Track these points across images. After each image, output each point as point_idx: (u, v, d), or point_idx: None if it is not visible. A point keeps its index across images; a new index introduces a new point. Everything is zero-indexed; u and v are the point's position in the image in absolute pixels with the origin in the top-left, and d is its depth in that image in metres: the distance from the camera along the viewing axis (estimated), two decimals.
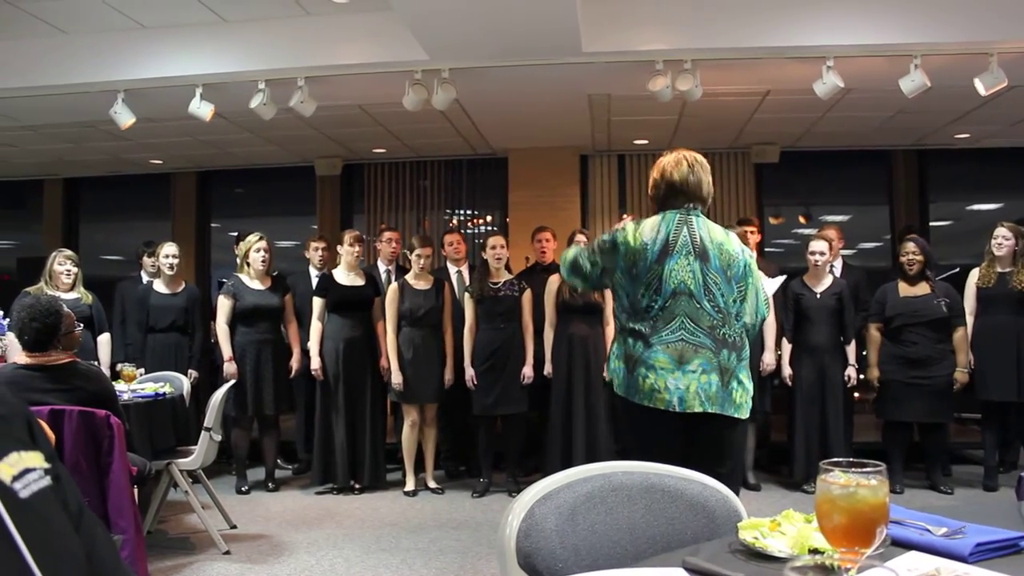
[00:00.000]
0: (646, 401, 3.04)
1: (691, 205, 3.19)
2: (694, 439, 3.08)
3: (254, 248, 6.07)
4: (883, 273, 7.51)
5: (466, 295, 6.05)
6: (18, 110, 6.64)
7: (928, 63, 5.42)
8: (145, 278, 6.87)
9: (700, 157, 3.27)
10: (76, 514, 0.97)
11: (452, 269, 6.69)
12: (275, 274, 6.33)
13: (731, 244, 3.20)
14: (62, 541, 0.92)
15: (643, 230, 3.13)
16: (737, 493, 3.10)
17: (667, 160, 3.26)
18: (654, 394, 3.02)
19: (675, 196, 3.20)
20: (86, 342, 5.55)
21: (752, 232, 6.21)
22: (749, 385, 3.17)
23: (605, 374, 5.76)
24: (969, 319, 5.87)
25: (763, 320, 3.31)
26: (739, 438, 3.21)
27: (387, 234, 6.83)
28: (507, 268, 6.16)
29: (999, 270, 5.81)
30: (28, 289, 5.66)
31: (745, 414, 3.15)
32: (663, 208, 3.22)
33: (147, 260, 6.90)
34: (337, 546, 4.74)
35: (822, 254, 5.85)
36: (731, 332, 3.13)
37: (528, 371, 5.92)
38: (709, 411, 3.03)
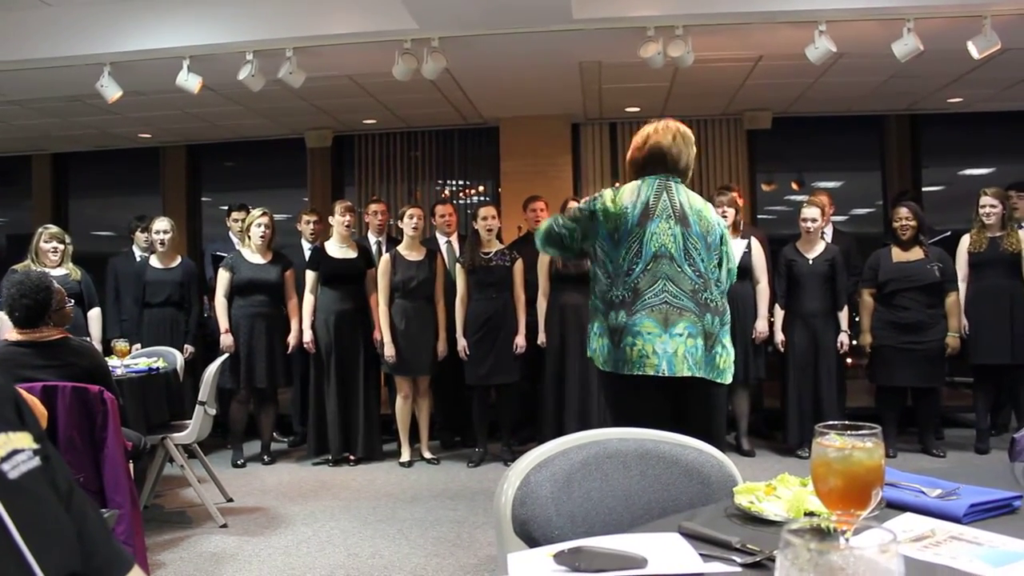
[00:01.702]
0: (636, 369, 3.05)
1: (670, 173, 3.23)
2: (678, 404, 3.12)
3: (255, 223, 6.08)
4: (875, 239, 7.51)
5: (457, 265, 6.04)
6: (3, 84, 6.56)
7: (921, 27, 5.39)
8: (138, 253, 6.84)
9: (686, 129, 3.31)
10: (66, 494, 0.97)
11: (441, 240, 6.65)
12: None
13: (709, 212, 3.26)
14: (52, 521, 0.91)
15: (622, 195, 3.18)
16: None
17: (652, 128, 3.30)
18: (643, 360, 3.04)
19: (656, 164, 3.24)
20: (76, 317, 5.52)
21: (738, 198, 6.20)
22: (732, 350, 3.23)
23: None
24: (962, 285, 5.88)
25: (729, 285, 3.35)
26: (721, 402, 3.26)
27: (373, 206, 6.80)
28: (498, 238, 6.15)
29: (989, 235, 5.81)
30: (15, 267, 5.62)
31: (728, 379, 3.19)
32: (642, 174, 3.26)
33: (140, 235, 6.86)
34: (334, 517, 4.76)
35: (814, 220, 5.85)
36: (712, 297, 3.18)
37: (520, 341, 5.93)
38: (697, 375, 3.08)
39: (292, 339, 6.18)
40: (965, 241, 5.95)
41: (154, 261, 6.27)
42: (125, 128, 8.50)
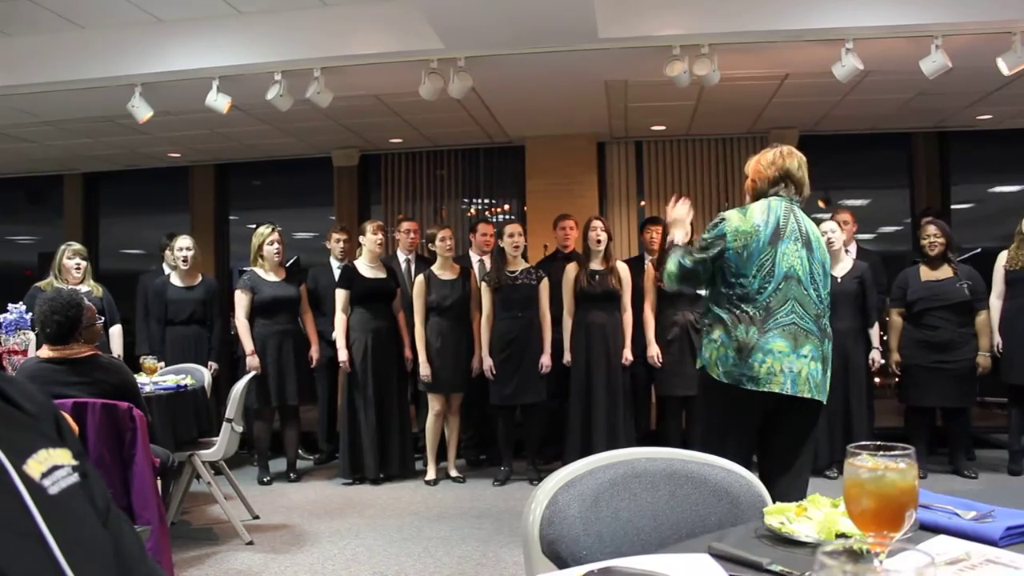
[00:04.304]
0: (762, 386, 3.10)
1: (795, 197, 3.30)
2: (780, 423, 3.21)
3: (267, 242, 6.07)
4: (903, 257, 7.44)
5: (483, 284, 6.04)
6: (36, 105, 6.68)
7: (949, 43, 5.35)
8: (167, 270, 6.87)
9: (803, 157, 3.39)
10: (103, 510, 0.98)
11: (475, 258, 6.67)
12: (288, 265, 6.36)
13: (824, 240, 3.37)
14: (90, 537, 0.92)
15: (752, 213, 3.22)
16: (808, 477, 3.29)
17: (776, 151, 3.37)
18: (771, 377, 3.09)
19: (781, 184, 3.30)
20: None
21: None
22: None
23: (637, 356, 5.87)
24: (997, 302, 5.80)
25: None
26: (819, 423, 3.36)
27: (406, 224, 6.82)
28: (524, 256, 6.15)
29: None
30: (38, 284, 5.67)
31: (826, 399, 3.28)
32: (765, 195, 3.31)
33: (169, 253, 6.90)
34: (359, 536, 4.76)
35: (833, 231, 5.75)
36: (827, 323, 3.27)
37: (546, 360, 5.91)
38: (816, 398, 3.17)
39: (315, 354, 6.21)
40: (1002, 257, 5.86)
41: (175, 279, 6.27)
42: (155, 147, 8.61)
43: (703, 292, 3.49)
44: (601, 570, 1.21)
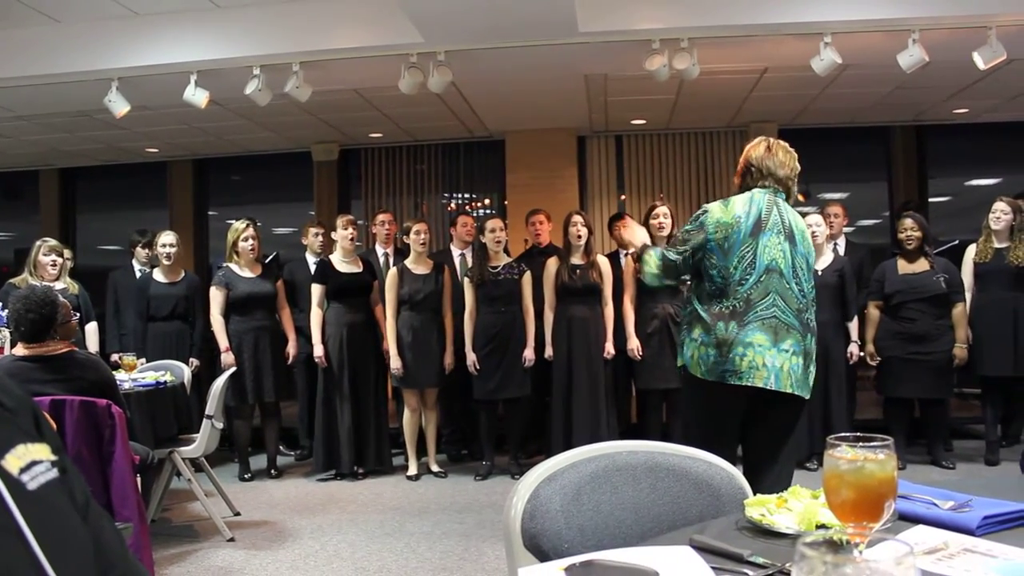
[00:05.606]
0: (744, 380, 3.10)
1: (778, 188, 3.29)
2: (762, 417, 3.21)
3: (241, 237, 5.99)
4: (882, 250, 7.49)
5: (466, 280, 6.02)
6: (12, 100, 6.61)
7: (926, 38, 5.39)
8: (137, 267, 6.79)
9: (787, 146, 3.36)
10: (83, 506, 0.97)
11: (455, 252, 6.64)
12: (268, 261, 6.31)
13: (808, 233, 3.36)
14: (70, 532, 0.91)
15: (734, 205, 3.22)
16: (793, 469, 3.31)
17: (755, 143, 3.37)
18: (753, 371, 3.09)
19: (766, 177, 3.29)
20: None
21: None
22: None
23: (617, 350, 5.85)
24: (967, 295, 5.86)
25: None
26: (802, 417, 3.37)
27: (380, 216, 6.78)
28: (506, 251, 6.14)
29: (996, 245, 5.79)
30: (12, 280, 5.61)
31: (808, 395, 3.27)
32: (749, 188, 3.31)
33: (140, 250, 6.81)
34: (341, 531, 4.74)
35: (818, 225, 5.79)
36: (812, 317, 3.26)
37: (529, 354, 5.90)
38: (796, 393, 3.16)
39: (292, 350, 6.17)
40: (971, 251, 5.94)
41: (158, 275, 6.22)
42: (132, 143, 8.55)
43: (684, 285, 3.50)
44: (583, 563, 1.22)
